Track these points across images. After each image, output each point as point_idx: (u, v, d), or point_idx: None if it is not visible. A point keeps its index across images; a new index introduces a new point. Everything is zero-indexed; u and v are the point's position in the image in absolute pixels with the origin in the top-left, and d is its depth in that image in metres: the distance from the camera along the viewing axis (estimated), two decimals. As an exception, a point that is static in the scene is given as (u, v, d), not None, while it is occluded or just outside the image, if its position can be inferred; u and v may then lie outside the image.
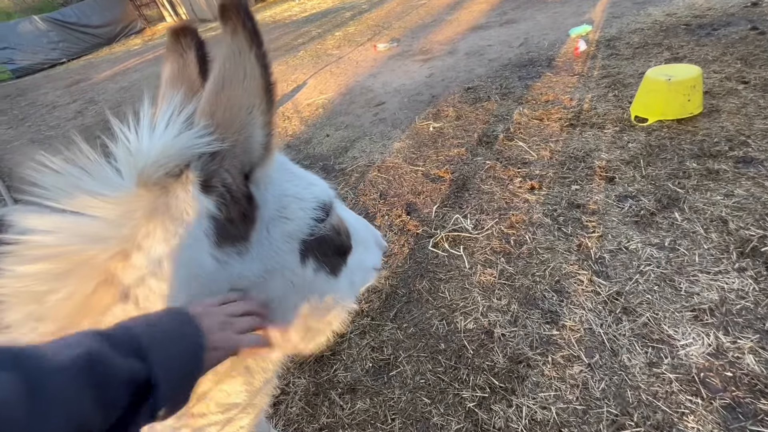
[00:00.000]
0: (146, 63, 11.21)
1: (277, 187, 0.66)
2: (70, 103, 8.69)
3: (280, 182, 0.67)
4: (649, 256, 1.98)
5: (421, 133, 3.66)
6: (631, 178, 2.49)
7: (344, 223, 0.82)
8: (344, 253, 0.80)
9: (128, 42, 17.14)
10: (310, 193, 0.70)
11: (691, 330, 1.64)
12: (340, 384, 1.82)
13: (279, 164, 0.69)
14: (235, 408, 0.76)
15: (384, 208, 2.83)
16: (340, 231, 0.78)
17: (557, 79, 4.00)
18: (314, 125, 4.46)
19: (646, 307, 1.77)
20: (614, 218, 2.25)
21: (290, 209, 0.66)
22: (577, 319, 1.80)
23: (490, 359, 1.75)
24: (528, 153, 2.99)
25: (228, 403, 0.74)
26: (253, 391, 0.78)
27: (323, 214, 0.70)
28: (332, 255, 0.75)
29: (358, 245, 0.85)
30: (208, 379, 0.69)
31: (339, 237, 0.78)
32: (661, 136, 2.78)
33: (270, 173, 0.65)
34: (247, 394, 0.76)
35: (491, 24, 6.44)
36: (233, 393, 0.74)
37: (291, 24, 11.22)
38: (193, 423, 0.72)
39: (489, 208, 2.57)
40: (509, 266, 2.14)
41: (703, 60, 3.56)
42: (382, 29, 7.97)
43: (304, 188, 0.70)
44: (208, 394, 0.71)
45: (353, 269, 0.82)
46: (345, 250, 0.80)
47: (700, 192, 2.25)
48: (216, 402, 0.72)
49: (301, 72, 6.47)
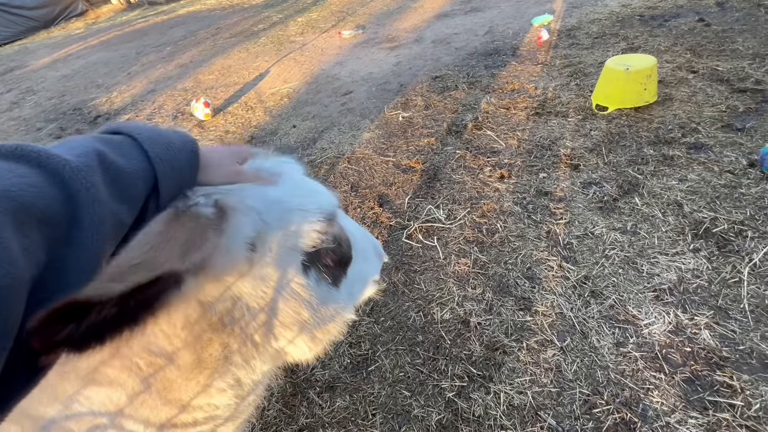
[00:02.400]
0: (90, 49, 10.36)
1: (277, 203, 0.66)
2: (4, 93, 7.89)
3: (281, 196, 0.68)
4: (613, 241, 2.07)
5: (391, 123, 3.62)
6: (595, 165, 2.58)
7: (345, 232, 0.80)
8: (345, 263, 0.79)
9: (69, 25, 15.74)
10: (313, 204, 0.70)
11: (653, 309, 1.73)
12: (318, 382, 1.78)
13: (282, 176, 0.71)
14: (221, 418, 0.74)
15: (356, 200, 2.78)
16: (341, 241, 0.77)
17: (522, 68, 4.07)
18: (279, 116, 4.30)
19: (612, 289, 1.85)
20: (580, 204, 2.33)
21: (293, 222, 0.66)
22: (549, 305, 1.85)
23: (467, 348, 1.77)
24: (496, 142, 3.02)
25: (215, 415, 0.72)
26: (242, 401, 0.76)
27: (326, 225, 0.69)
28: (334, 266, 0.74)
29: (359, 255, 0.84)
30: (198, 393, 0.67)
31: (340, 248, 0.76)
32: (621, 123, 2.89)
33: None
34: (235, 405, 0.74)
35: (456, 12, 6.44)
36: (221, 406, 0.72)
37: (250, 9, 10.71)
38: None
39: (460, 197, 2.59)
40: (482, 255, 2.17)
41: (656, 50, 3.73)
42: (347, 16, 7.78)
43: (306, 197, 0.71)
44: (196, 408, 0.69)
45: (353, 280, 0.81)
46: (346, 260, 0.79)
47: (657, 177, 2.37)
48: (203, 414, 0.71)
49: (263, 59, 6.21)
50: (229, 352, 0.68)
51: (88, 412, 0.61)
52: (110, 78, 7.16)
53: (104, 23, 14.65)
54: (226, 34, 8.42)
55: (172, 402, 0.68)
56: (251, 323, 0.67)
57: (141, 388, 0.65)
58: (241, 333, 0.67)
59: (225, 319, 0.64)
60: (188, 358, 0.64)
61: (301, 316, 0.70)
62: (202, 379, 0.68)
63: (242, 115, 4.51)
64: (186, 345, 0.63)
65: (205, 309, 0.61)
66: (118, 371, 0.63)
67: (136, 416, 0.65)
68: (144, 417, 0.66)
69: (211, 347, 0.66)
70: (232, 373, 0.70)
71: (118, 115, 5.33)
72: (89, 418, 0.61)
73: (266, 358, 0.74)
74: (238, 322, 0.65)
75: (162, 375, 0.65)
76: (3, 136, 5.56)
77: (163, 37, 9.65)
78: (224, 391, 0.71)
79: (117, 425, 0.64)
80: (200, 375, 0.67)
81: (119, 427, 0.67)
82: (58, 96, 6.79)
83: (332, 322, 0.79)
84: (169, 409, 0.68)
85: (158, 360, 0.64)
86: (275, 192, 0.68)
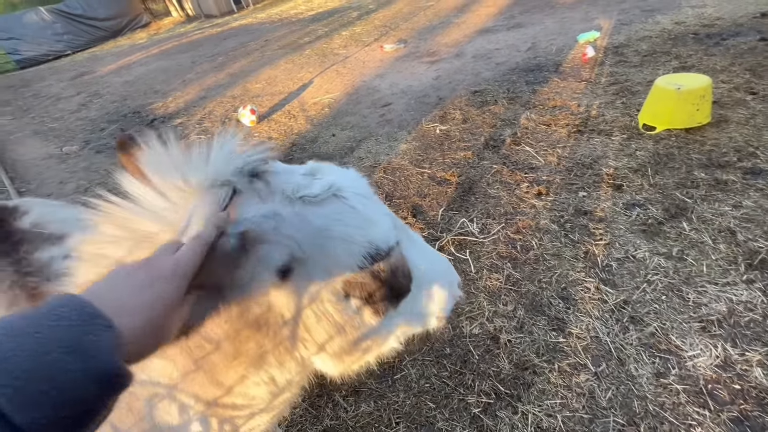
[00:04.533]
0: (151, 57, 11.20)
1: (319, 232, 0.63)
2: (74, 95, 8.68)
3: (326, 224, 0.64)
4: (657, 266, 1.97)
5: (428, 135, 3.66)
6: (639, 186, 2.48)
7: (406, 263, 0.74)
8: (398, 295, 0.74)
9: (134, 36, 17.13)
10: (362, 237, 0.65)
11: (699, 341, 1.63)
12: (345, 386, 1.81)
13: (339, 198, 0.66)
14: (258, 407, 0.81)
15: (390, 209, 2.82)
16: (397, 272, 0.71)
17: (565, 84, 4.00)
18: (320, 124, 4.45)
19: (654, 316, 1.76)
20: (621, 226, 2.24)
21: (333, 251, 0.63)
22: (584, 327, 1.79)
23: (495, 365, 1.74)
24: (535, 158, 2.98)
25: (253, 403, 0.79)
26: (276, 399, 0.81)
27: (374, 260, 0.66)
28: (377, 298, 0.70)
29: (419, 290, 0.78)
30: (237, 381, 0.72)
31: (394, 278, 0.71)
32: (669, 144, 2.77)
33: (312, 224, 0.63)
34: (270, 397, 0.79)
35: (499, 28, 6.43)
36: (257, 397, 0.78)
37: (297, 22, 11.22)
38: (222, 413, 0.78)
39: (495, 212, 2.57)
40: (515, 272, 2.14)
41: (711, 70, 3.56)
42: (389, 30, 7.97)
43: (357, 231, 0.65)
44: (237, 393, 0.75)
45: (406, 313, 0.77)
46: (399, 293, 0.74)
47: (708, 202, 2.25)
48: (242, 399, 0.77)
49: (307, 70, 6.47)
50: (263, 352, 0.72)
51: (148, 380, 0.68)
52: (167, 84, 7.70)
53: (165, 34, 15.82)
54: (274, 46, 8.85)
55: (217, 384, 0.74)
56: (284, 331, 0.69)
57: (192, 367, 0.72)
58: (274, 337, 0.70)
59: (260, 321, 0.67)
60: (229, 348, 0.70)
61: (332, 337, 0.71)
62: (241, 369, 0.74)
63: (285, 122, 4.71)
64: (227, 336, 0.68)
65: (242, 309, 0.65)
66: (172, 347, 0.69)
67: (188, 390, 0.72)
68: (194, 392, 0.73)
69: (248, 344, 0.70)
70: (266, 370, 0.75)
71: (172, 118, 5.71)
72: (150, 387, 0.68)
73: (297, 364, 0.77)
74: (271, 327, 0.68)
75: (208, 358, 0.71)
76: (71, 135, 6.10)
77: (217, 47, 10.28)
78: (259, 385, 0.76)
79: (172, 396, 0.71)
80: (239, 366, 0.72)
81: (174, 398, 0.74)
82: (120, 100, 7.38)
83: (368, 351, 0.78)
84: (214, 389, 0.75)
85: (206, 344, 0.70)
86: (321, 219, 0.64)
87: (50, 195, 4.26)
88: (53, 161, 5.20)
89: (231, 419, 0.81)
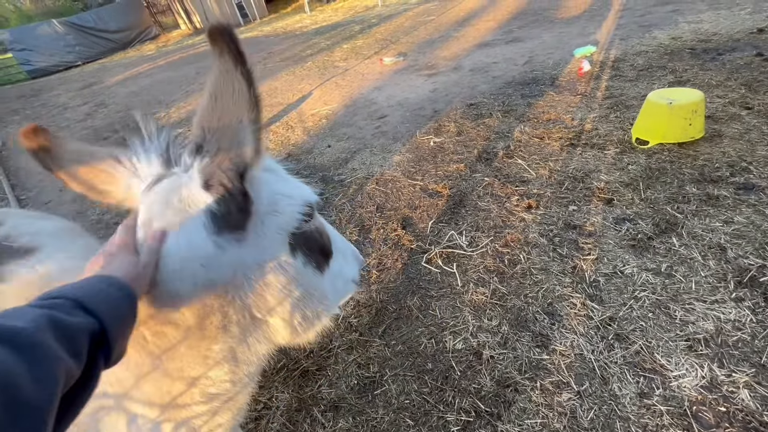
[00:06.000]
0: (157, 69, 11.42)
1: (269, 185, 0.75)
2: (81, 105, 8.85)
3: (272, 182, 0.77)
4: (645, 282, 1.94)
5: (422, 148, 3.67)
6: (630, 200, 2.46)
7: (326, 229, 0.91)
8: (327, 254, 0.88)
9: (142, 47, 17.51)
10: (297, 193, 0.79)
11: (685, 360, 1.59)
12: (324, 400, 1.78)
13: (270, 167, 0.79)
14: (217, 400, 0.80)
15: (380, 221, 2.81)
16: (322, 234, 0.87)
17: (560, 98, 4.01)
18: (317, 135, 4.49)
19: (639, 334, 1.72)
20: (611, 241, 2.21)
21: (281, 205, 0.76)
22: (568, 344, 1.75)
23: (477, 382, 1.70)
24: (527, 171, 2.97)
25: (211, 393, 0.78)
26: (237, 382, 0.81)
27: (309, 212, 0.79)
28: (317, 252, 0.84)
29: (338, 254, 0.94)
30: (197, 364, 0.74)
31: (321, 238, 0.87)
32: (662, 159, 2.75)
33: (262, 174, 0.74)
34: (230, 384, 0.80)
35: (497, 42, 6.50)
36: (217, 381, 0.77)
37: (301, 35, 11.42)
38: (176, 415, 0.76)
39: (485, 225, 2.55)
40: (502, 286, 2.11)
41: (706, 84, 3.55)
42: (390, 43, 8.08)
43: (292, 188, 0.80)
44: (195, 382, 0.75)
45: (335, 275, 0.90)
46: (327, 252, 0.89)
47: (699, 218, 2.22)
48: (200, 391, 0.77)
49: (307, 82, 6.55)
50: (228, 322, 0.73)
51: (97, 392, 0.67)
52: (170, 95, 7.83)
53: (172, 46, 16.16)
54: (276, 58, 9.00)
55: (173, 373, 0.72)
56: (249, 294, 0.73)
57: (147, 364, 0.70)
58: (240, 303, 0.72)
59: (228, 287, 0.70)
60: (192, 322, 0.69)
61: (290, 293, 0.77)
62: (202, 348, 0.73)
63: (282, 133, 4.75)
64: (191, 309, 0.68)
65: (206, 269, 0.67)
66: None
67: (140, 393, 0.70)
68: (147, 395, 0.71)
69: (214, 315, 0.71)
70: (228, 344, 0.75)
71: (173, 128, 5.79)
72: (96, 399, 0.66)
73: (260, 335, 0.79)
74: (237, 291, 0.71)
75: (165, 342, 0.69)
76: (75, 144, 6.19)
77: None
78: (220, 364, 0.76)
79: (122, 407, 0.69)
80: (201, 343, 0.72)
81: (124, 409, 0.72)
82: (125, 110, 7.51)
83: (320, 305, 0.85)
84: (171, 384, 0.72)
85: (164, 328, 0.68)
86: (270, 183, 0.76)
87: (49, 202, 4.31)
88: (55, 169, 5.26)
89: (188, 421, 0.79)
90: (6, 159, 6.07)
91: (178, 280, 0.66)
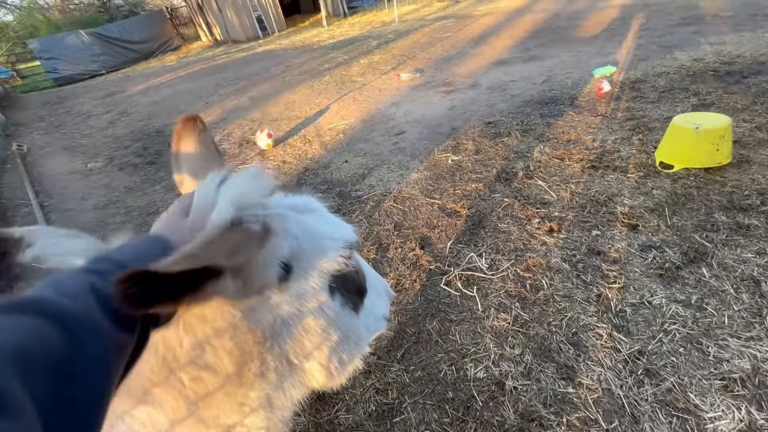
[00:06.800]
0: (178, 79, 11.72)
1: (312, 228, 0.75)
2: (104, 113, 9.10)
3: (315, 224, 0.77)
4: (674, 314, 1.88)
5: (440, 166, 3.66)
6: (656, 227, 2.40)
7: (360, 266, 0.90)
8: (362, 293, 0.87)
9: (164, 58, 18.02)
10: (339, 234, 0.79)
11: (721, 401, 1.52)
12: (341, 426, 1.74)
13: (313, 207, 0.80)
14: None
15: (398, 240, 2.79)
16: (359, 272, 0.86)
17: (580, 118, 3.98)
18: (334, 150, 4.52)
19: (671, 370, 1.66)
20: (637, 269, 2.16)
21: (323, 248, 0.75)
22: (595, 378, 1.70)
23: (500, 414, 1.65)
24: (547, 193, 2.93)
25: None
26: (272, 428, 0.79)
27: (349, 252, 0.78)
28: (354, 293, 0.83)
29: (371, 290, 0.92)
30: (233, 411, 0.72)
31: (358, 277, 0.86)
32: (688, 184, 2.69)
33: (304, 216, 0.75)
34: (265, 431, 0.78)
35: (515, 60, 6.52)
36: (252, 429, 0.76)
37: (319, 49, 11.63)
38: None
39: (505, 248, 2.51)
40: (524, 312, 2.06)
41: (732, 108, 3.49)
42: (407, 59, 8.17)
43: (334, 229, 0.80)
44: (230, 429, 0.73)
45: (367, 312, 0.88)
46: (362, 290, 0.88)
47: (729, 247, 2.15)
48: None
49: (324, 97, 6.64)
50: (265, 369, 0.71)
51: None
52: (191, 105, 8.00)
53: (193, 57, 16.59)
54: (294, 72, 9.16)
55: (208, 421, 0.71)
56: (288, 340, 0.71)
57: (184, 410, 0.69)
58: (279, 350, 0.71)
59: (267, 333, 0.68)
60: (231, 369, 0.67)
61: (329, 336, 0.76)
62: (239, 395, 0.71)
63: (300, 147, 4.80)
64: (230, 356, 0.66)
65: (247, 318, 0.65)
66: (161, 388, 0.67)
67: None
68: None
69: (252, 362, 0.69)
70: (265, 391, 0.73)
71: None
72: None
73: (296, 380, 0.78)
74: (276, 338, 0.70)
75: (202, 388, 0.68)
76: (97, 151, 6.35)
77: (240, 71, 10.70)
78: (256, 411, 0.74)
79: None
80: (238, 390, 0.70)
81: None
82: (146, 119, 7.69)
83: (355, 348, 0.84)
84: (204, 429, 0.71)
85: (202, 373, 0.67)
86: (310, 221, 0.77)
87: (71, 210, 4.40)
88: (77, 176, 5.39)
89: None
90: (31, 165, 6.24)
91: None
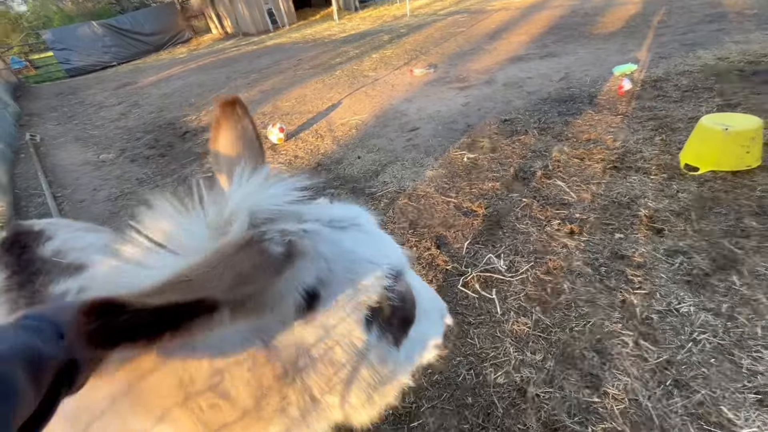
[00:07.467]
0: (189, 71, 11.72)
1: (349, 251, 0.66)
2: (116, 104, 9.12)
3: (354, 245, 0.67)
4: (704, 323, 1.81)
5: (455, 163, 3.59)
6: (682, 231, 2.32)
7: (411, 291, 0.77)
8: (408, 323, 0.76)
9: (175, 50, 18.06)
10: (384, 258, 0.69)
11: (756, 416, 1.46)
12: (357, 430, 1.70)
13: (356, 220, 0.71)
14: None
15: (413, 238, 2.74)
16: (406, 300, 0.73)
17: (599, 117, 3.88)
18: (346, 146, 4.47)
19: (702, 382, 1.59)
20: (663, 275, 2.08)
21: (361, 274, 0.65)
22: (622, 387, 1.64)
23: (521, 422, 1.60)
24: (567, 194, 2.86)
25: None
26: None
27: (393, 281, 0.68)
28: (396, 325, 0.72)
29: (422, 316, 0.80)
30: None
31: (405, 306, 0.73)
32: (715, 188, 2.60)
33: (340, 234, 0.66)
34: None
35: (531, 56, 6.39)
36: None
37: (330, 43, 11.54)
38: None
39: (524, 249, 2.45)
40: (545, 317, 2.00)
41: (759, 109, 3.37)
42: (420, 54, 8.06)
43: (378, 252, 0.69)
44: None
45: (413, 341, 0.77)
46: (409, 320, 0.76)
47: (761, 255, 2.07)
48: None
49: (336, 91, 6.58)
50: (286, 404, 0.66)
51: None
52: (201, 98, 7.99)
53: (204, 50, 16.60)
54: (306, 66, 9.10)
55: None
56: (312, 375, 0.65)
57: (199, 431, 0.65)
58: (301, 385, 0.65)
59: (288, 368, 0.63)
60: (248, 403, 0.63)
61: (357, 371, 0.68)
62: (258, 430, 0.66)
63: (312, 141, 4.75)
64: (248, 388, 0.62)
65: (268, 350, 0.61)
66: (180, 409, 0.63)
67: None
68: None
69: (272, 397, 0.64)
70: (286, 426, 0.68)
71: (203, 132, 5.88)
72: None
73: (320, 415, 0.71)
74: (299, 373, 0.64)
75: (220, 418, 0.64)
76: (109, 142, 6.36)
77: (251, 65, 10.67)
78: None
79: None
80: (257, 424, 0.65)
81: None
82: (157, 111, 7.70)
83: (389, 383, 0.75)
84: None
85: (220, 401, 0.63)
86: (349, 241, 0.67)
87: (83, 201, 4.41)
88: (89, 167, 5.41)
89: None
90: (44, 156, 6.27)
91: None
